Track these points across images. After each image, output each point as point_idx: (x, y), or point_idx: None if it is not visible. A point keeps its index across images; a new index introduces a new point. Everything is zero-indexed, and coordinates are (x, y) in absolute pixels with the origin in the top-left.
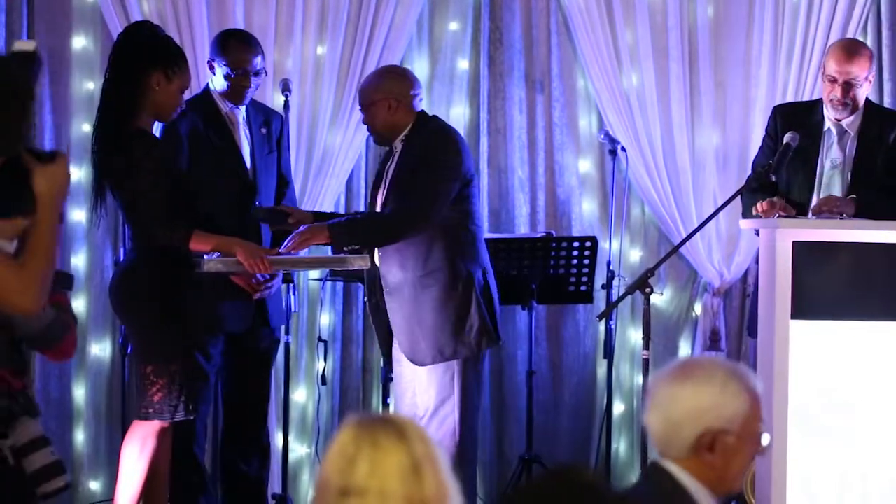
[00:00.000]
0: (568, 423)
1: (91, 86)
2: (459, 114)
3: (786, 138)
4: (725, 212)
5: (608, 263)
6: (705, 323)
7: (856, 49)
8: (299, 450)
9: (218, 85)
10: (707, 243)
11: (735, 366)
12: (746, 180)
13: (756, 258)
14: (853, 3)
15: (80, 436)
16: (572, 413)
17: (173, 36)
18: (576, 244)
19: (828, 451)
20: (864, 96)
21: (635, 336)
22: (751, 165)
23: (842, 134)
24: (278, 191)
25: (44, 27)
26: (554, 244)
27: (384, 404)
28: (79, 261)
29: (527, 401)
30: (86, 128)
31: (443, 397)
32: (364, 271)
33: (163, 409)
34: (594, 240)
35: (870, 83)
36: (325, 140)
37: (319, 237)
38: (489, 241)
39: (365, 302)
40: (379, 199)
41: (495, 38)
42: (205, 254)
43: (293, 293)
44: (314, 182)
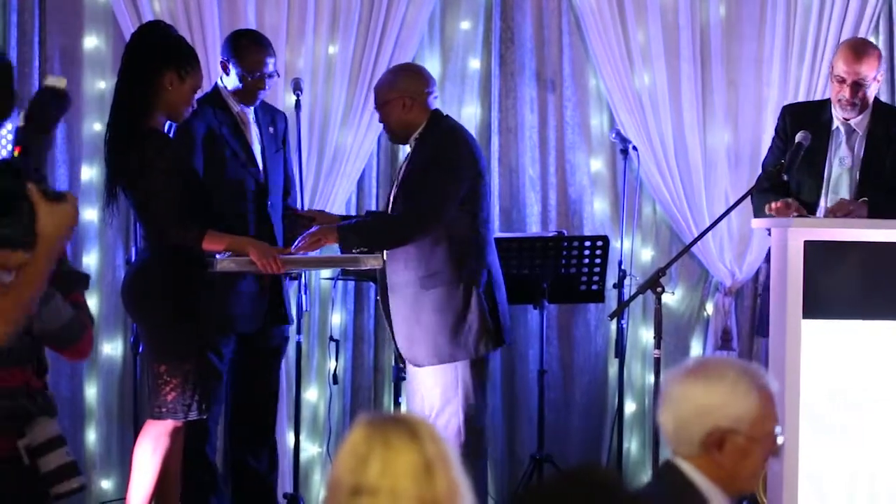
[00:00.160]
0: (579, 423)
1: (103, 85)
2: (471, 113)
3: (798, 137)
4: (737, 211)
5: (619, 263)
6: (717, 322)
7: (864, 49)
8: (311, 449)
9: (230, 85)
10: (719, 243)
11: (748, 366)
12: (757, 180)
13: (766, 257)
14: (865, 3)
15: (92, 435)
16: (583, 412)
17: (185, 36)
18: (587, 243)
19: (839, 451)
20: (873, 96)
21: (647, 335)
22: (761, 165)
23: (850, 133)
24: (284, 190)
25: (56, 27)
26: (565, 243)
27: (396, 404)
28: (91, 260)
29: (538, 400)
30: (97, 127)
31: (447, 398)
32: (377, 270)
33: (176, 409)
34: (606, 239)
35: (878, 82)
36: (337, 140)
37: (329, 238)
38: (500, 241)
39: (377, 301)
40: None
41: (507, 38)
42: (217, 253)
43: (305, 292)
44: (325, 182)
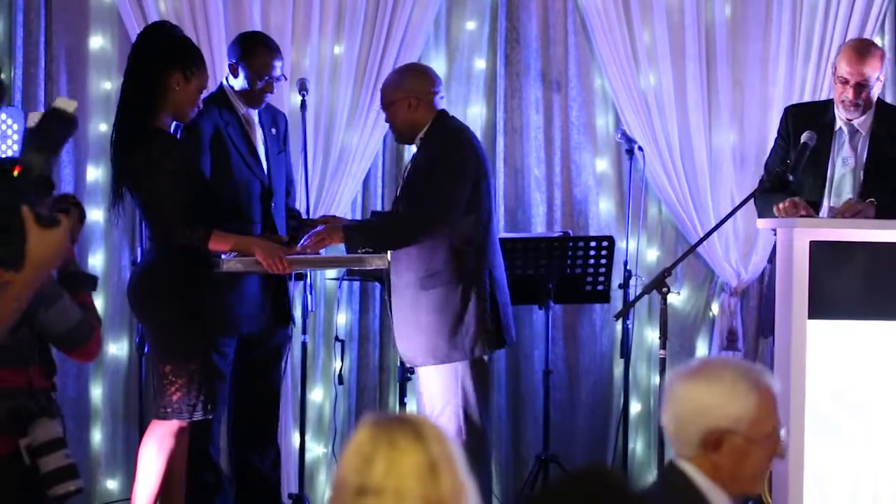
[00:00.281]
0: (585, 423)
1: (108, 85)
2: (476, 113)
3: (803, 137)
4: (743, 211)
5: (625, 263)
6: (722, 323)
7: (867, 49)
8: (316, 449)
9: (238, 86)
10: (724, 243)
11: (749, 367)
12: (759, 181)
13: (770, 258)
14: (871, 3)
15: (98, 435)
16: (589, 413)
17: (190, 36)
18: (592, 244)
19: (843, 451)
20: (877, 96)
21: (652, 336)
22: (764, 166)
23: (853, 134)
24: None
25: (61, 27)
26: (571, 244)
27: (401, 404)
28: (96, 261)
29: (543, 400)
30: (103, 127)
31: (447, 399)
32: (384, 270)
33: (181, 409)
34: (611, 239)
35: (881, 83)
36: (342, 140)
37: (335, 237)
38: (505, 241)
39: (383, 301)
40: None
41: (512, 38)
42: (223, 253)
43: (310, 293)
44: (331, 182)
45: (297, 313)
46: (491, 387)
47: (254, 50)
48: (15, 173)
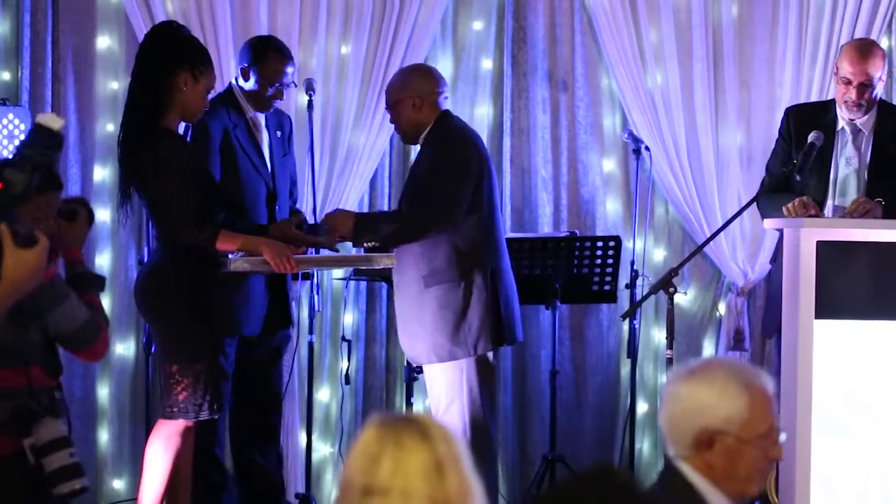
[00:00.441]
0: (591, 423)
1: (115, 85)
2: (483, 113)
3: (811, 137)
4: (750, 211)
5: (632, 263)
6: (729, 322)
7: (869, 49)
8: (323, 449)
9: (248, 88)
10: (731, 243)
11: (742, 368)
12: (761, 183)
13: (771, 258)
14: (877, 3)
15: (104, 435)
16: (596, 413)
17: (197, 36)
18: (599, 244)
19: (851, 451)
20: (879, 95)
21: (659, 336)
22: (765, 168)
23: (856, 133)
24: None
25: (68, 27)
26: (577, 244)
27: (408, 404)
28: (103, 260)
29: (550, 400)
30: (110, 127)
31: (452, 397)
32: (391, 270)
33: (188, 408)
34: (618, 239)
35: (883, 82)
36: (349, 140)
37: (346, 220)
38: (512, 241)
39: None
40: None
41: (519, 38)
42: (231, 253)
43: (317, 292)
44: (338, 182)
45: (304, 313)
46: (497, 387)
47: (266, 55)
48: None
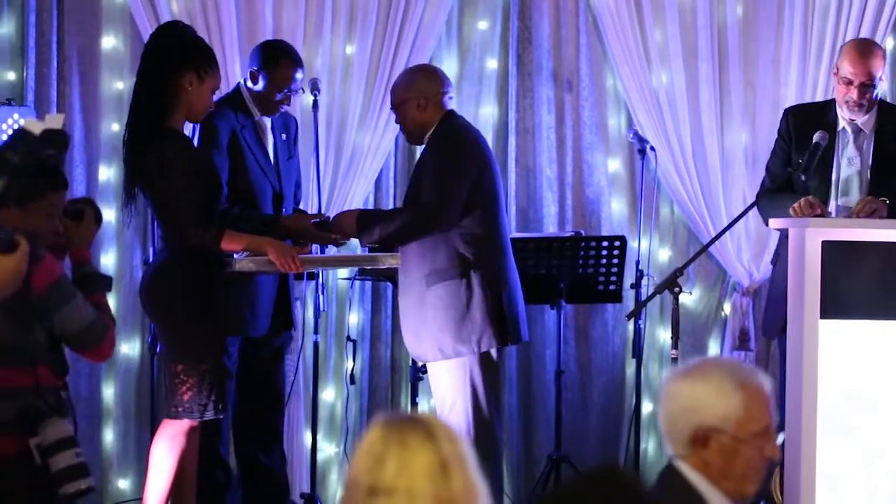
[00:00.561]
0: (596, 423)
1: (120, 85)
2: (488, 113)
3: (815, 137)
4: (754, 211)
5: (637, 263)
6: (734, 322)
7: (870, 49)
8: (328, 449)
9: (256, 90)
10: (736, 243)
11: (739, 366)
12: (761, 183)
13: (772, 259)
14: (882, 4)
15: (109, 435)
16: (601, 412)
17: (202, 36)
18: (604, 244)
19: (856, 451)
20: (879, 95)
21: (664, 335)
22: (765, 168)
23: (857, 133)
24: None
25: (73, 27)
26: (583, 244)
27: (412, 403)
28: (108, 260)
29: (555, 400)
30: (115, 127)
31: (456, 394)
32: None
33: (192, 408)
34: (623, 239)
35: (883, 81)
36: (354, 140)
37: (350, 218)
38: (517, 241)
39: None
40: None
41: (524, 38)
42: (236, 253)
43: (322, 292)
44: (343, 182)
45: (309, 313)
46: (502, 386)
47: (277, 61)
48: None
